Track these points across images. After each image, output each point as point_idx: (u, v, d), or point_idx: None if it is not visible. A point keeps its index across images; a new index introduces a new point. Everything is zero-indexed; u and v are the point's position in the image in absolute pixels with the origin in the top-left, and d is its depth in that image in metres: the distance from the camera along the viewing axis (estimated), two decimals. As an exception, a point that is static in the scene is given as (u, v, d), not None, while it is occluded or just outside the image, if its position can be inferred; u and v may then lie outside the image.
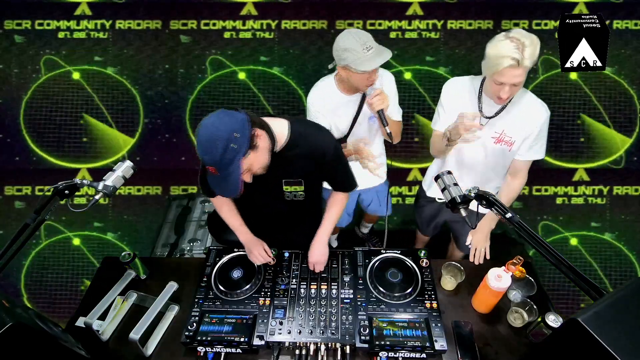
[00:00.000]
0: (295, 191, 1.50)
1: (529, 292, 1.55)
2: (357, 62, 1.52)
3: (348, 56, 1.53)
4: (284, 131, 1.37)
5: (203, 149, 1.14)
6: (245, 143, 1.16)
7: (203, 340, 1.38)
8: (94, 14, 3.13)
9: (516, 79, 1.40)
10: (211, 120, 1.14)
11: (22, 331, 1.00)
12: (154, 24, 3.14)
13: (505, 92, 1.45)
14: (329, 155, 1.41)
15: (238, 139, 1.14)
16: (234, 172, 1.16)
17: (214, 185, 1.24)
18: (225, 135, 1.12)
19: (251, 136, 1.18)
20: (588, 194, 3.07)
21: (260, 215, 1.68)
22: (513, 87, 1.44)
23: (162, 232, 2.69)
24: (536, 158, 1.67)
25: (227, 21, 3.16)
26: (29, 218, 1.26)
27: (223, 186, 1.21)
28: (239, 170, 1.17)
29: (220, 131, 1.12)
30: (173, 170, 3.18)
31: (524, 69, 1.37)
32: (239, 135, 1.14)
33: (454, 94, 1.67)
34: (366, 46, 1.52)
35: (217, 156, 1.12)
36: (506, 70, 1.38)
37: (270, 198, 1.55)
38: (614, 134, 3.08)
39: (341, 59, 1.56)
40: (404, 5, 3.06)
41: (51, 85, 3.13)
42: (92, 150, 3.14)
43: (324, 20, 3.12)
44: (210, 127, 1.13)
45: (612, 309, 0.84)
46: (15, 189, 3.09)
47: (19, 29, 3.11)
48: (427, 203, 2.08)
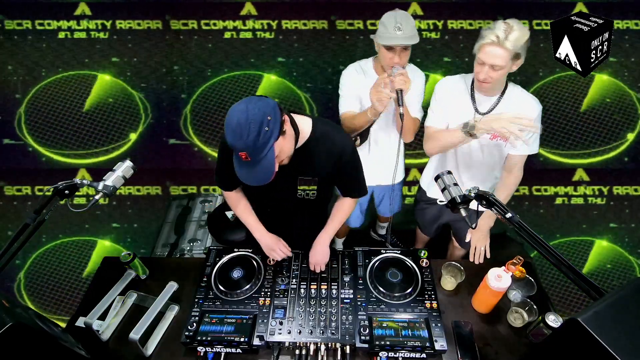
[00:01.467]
0: (308, 189, 1.50)
1: (529, 292, 1.55)
2: (382, 36, 1.64)
3: (380, 28, 1.67)
4: (307, 127, 1.39)
5: (235, 134, 1.11)
6: (277, 127, 1.15)
7: (203, 340, 1.38)
8: (94, 14, 3.13)
9: (496, 59, 1.42)
10: (242, 106, 1.13)
11: (22, 331, 1.00)
12: (154, 24, 3.15)
13: (483, 73, 1.47)
14: (346, 155, 1.43)
15: (270, 122, 1.13)
16: (267, 156, 1.15)
17: (243, 174, 1.20)
18: (259, 118, 1.10)
19: (282, 121, 1.18)
20: (588, 194, 3.07)
21: (267, 214, 1.68)
22: (492, 70, 1.45)
23: (162, 232, 2.68)
24: (531, 152, 1.66)
25: (227, 21, 3.16)
26: (29, 218, 1.26)
27: (255, 172, 1.17)
28: (273, 154, 1.16)
29: (253, 115, 1.10)
30: (173, 170, 3.18)
31: (504, 50, 1.39)
32: (272, 118, 1.13)
33: (448, 91, 1.69)
34: (398, 26, 1.62)
35: (250, 140, 1.10)
36: (487, 46, 1.41)
37: (281, 195, 1.54)
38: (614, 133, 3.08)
39: (377, 30, 1.69)
40: (404, 5, 3.06)
41: (51, 85, 3.13)
42: (92, 150, 3.14)
43: (324, 20, 3.12)
44: (243, 112, 1.11)
45: (612, 309, 0.84)
46: (15, 189, 3.09)
47: (19, 29, 3.11)
48: (429, 205, 2.08)
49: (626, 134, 3.08)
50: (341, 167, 1.46)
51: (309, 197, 1.53)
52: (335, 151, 1.41)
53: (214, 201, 2.90)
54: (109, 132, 3.15)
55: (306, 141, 1.38)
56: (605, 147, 3.09)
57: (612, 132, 3.09)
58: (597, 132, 3.09)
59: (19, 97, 3.12)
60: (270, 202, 1.62)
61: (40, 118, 3.12)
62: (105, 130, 3.15)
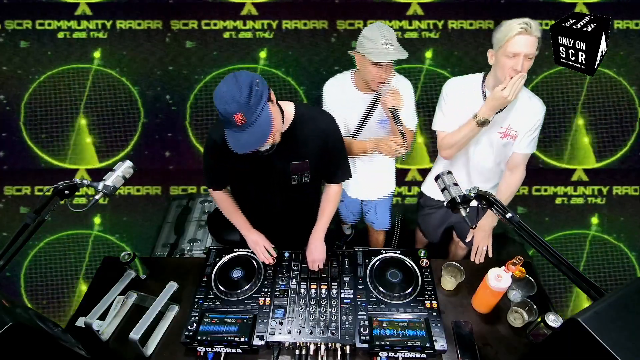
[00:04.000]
0: (302, 174, 1.50)
1: (529, 292, 1.55)
2: (372, 52, 1.57)
3: (367, 44, 1.58)
4: (291, 110, 1.41)
5: (227, 98, 1.12)
6: (266, 90, 1.18)
7: (203, 340, 1.38)
8: (94, 14, 3.13)
9: (528, 48, 1.42)
10: (228, 76, 1.17)
11: (22, 331, 1.00)
12: (154, 24, 3.14)
13: (519, 64, 1.44)
14: (332, 136, 1.46)
15: (259, 84, 1.16)
16: (262, 114, 1.15)
17: (237, 140, 1.18)
18: (248, 80, 1.14)
19: (269, 89, 1.21)
20: (587, 194, 3.07)
21: (263, 207, 1.67)
22: (527, 60, 1.44)
23: (162, 232, 2.68)
24: (531, 152, 1.68)
25: (227, 21, 3.15)
26: (29, 218, 1.26)
27: (253, 134, 1.16)
28: (268, 110, 1.17)
29: (242, 79, 1.15)
30: (173, 170, 3.18)
31: (534, 38, 1.42)
32: (259, 82, 1.17)
33: (459, 94, 1.67)
34: (386, 41, 1.56)
35: (244, 99, 1.12)
36: (518, 37, 1.41)
37: (276, 184, 1.53)
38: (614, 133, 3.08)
39: (360, 45, 1.61)
40: (404, 5, 3.06)
41: (51, 85, 3.13)
42: (92, 150, 3.14)
43: (324, 20, 3.12)
44: (231, 79, 1.15)
45: (612, 309, 0.84)
46: (15, 189, 3.08)
47: (19, 29, 3.11)
48: (435, 210, 2.07)
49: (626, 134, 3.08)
50: (329, 149, 1.48)
51: (303, 182, 1.52)
52: (321, 132, 1.43)
53: (214, 201, 2.90)
54: (109, 132, 3.15)
55: (291, 124, 1.41)
56: (605, 147, 3.09)
57: (612, 132, 3.08)
58: (597, 132, 3.09)
59: (19, 97, 3.11)
60: (266, 193, 1.59)
61: (40, 118, 3.12)
62: (105, 130, 3.15)
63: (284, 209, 1.66)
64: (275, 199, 1.61)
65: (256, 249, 1.65)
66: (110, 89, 3.15)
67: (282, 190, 1.56)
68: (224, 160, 1.45)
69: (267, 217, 1.70)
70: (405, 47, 1.60)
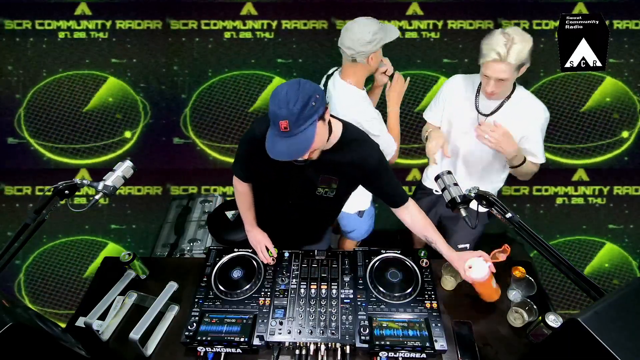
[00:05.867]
0: (328, 188, 1.47)
1: (529, 292, 1.55)
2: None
3: (382, 34, 1.56)
4: (338, 131, 1.37)
5: (281, 102, 1.11)
6: (322, 108, 1.16)
7: (203, 340, 1.38)
8: (94, 14, 3.13)
9: (500, 74, 1.42)
10: (294, 81, 1.15)
11: (22, 331, 1.00)
12: (154, 24, 3.15)
13: (490, 86, 1.48)
14: (371, 165, 1.39)
15: (318, 99, 1.14)
16: (307, 130, 1.14)
17: (274, 145, 1.18)
18: (309, 92, 1.13)
19: (326, 107, 1.19)
20: (588, 194, 3.07)
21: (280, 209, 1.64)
22: (498, 81, 1.46)
23: (162, 232, 2.68)
24: (538, 162, 1.66)
25: (227, 21, 3.16)
26: (29, 218, 1.26)
27: (290, 145, 1.15)
28: (314, 132, 1.15)
29: (305, 88, 1.13)
30: (173, 170, 3.18)
31: (507, 64, 1.40)
32: (320, 97, 1.15)
33: (453, 90, 1.70)
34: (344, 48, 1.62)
35: (297, 109, 1.10)
36: (490, 63, 1.42)
37: (301, 191, 1.51)
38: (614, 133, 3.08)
39: (377, 43, 1.57)
40: (404, 5, 3.06)
41: (51, 85, 3.13)
42: (92, 150, 3.14)
43: (324, 20, 3.12)
44: (295, 84, 1.14)
45: (612, 309, 0.84)
46: (16, 189, 3.09)
47: (19, 29, 3.11)
48: (424, 196, 2.07)
49: (626, 134, 3.08)
50: (370, 176, 1.43)
51: (327, 195, 1.50)
52: (360, 159, 1.38)
53: (214, 201, 2.90)
54: (109, 132, 3.15)
55: (336, 144, 1.36)
56: (605, 148, 3.09)
57: (612, 132, 3.09)
58: (597, 132, 3.09)
59: (19, 97, 3.12)
60: (288, 197, 1.57)
61: (40, 118, 3.12)
62: (105, 130, 3.15)
63: (300, 216, 1.64)
64: (295, 204, 1.58)
65: (257, 248, 1.65)
66: (110, 89, 3.15)
67: (304, 198, 1.53)
68: (256, 155, 1.41)
69: (278, 218, 1.69)
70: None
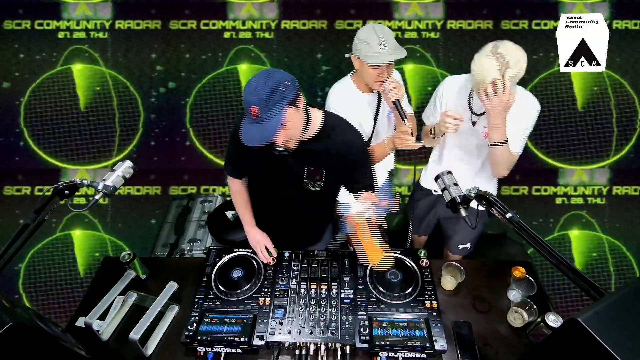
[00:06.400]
0: (314, 181, 1.50)
1: (529, 292, 1.55)
2: (369, 55, 1.55)
3: (362, 47, 1.57)
4: (318, 119, 1.40)
5: (251, 89, 1.18)
6: (292, 93, 1.21)
7: (203, 340, 1.38)
8: (94, 14, 3.13)
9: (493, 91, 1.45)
10: (264, 70, 1.21)
11: (22, 331, 1.00)
12: (153, 24, 3.14)
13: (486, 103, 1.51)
14: (354, 153, 1.43)
15: (288, 86, 1.19)
16: (275, 116, 1.19)
17: (248, 132, 1.23)
18: (278, 79, 1.18)
19: (297, 93, 1.23)
20: (588, 194, 3.07)
21: (271, 204, 1.66)
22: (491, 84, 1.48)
23: (162, 232, 2.68)
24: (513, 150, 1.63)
25: (227, 21, 3.16)
26: (29, 218, 1.26)
27: (259, 131, 1.20)
28: (281, 116, 1.19)
29: (274, 75, 1.19)
30: (173, 170, 3.17)
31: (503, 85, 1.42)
32: (290, 84, 1.20)
33: (447, 90, 1.72)
34: (382, 42, 1.54)
35: (264, 95, 1.16)
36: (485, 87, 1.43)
37: (288, 185, 1.53)
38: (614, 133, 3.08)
39: (356, 49, 1.61)
40: (404, 5, 3.06)
41: (51, 86, 3.12)
42: (91, 150, 3.14)
43: (324, 20, 3.12)
44: (265, 73, 1.20)
45: (612, 309, 0.84)
46: (15, 189, 3.08)
47: (19, 29, 3.10)
48: (423, 196, 2.09)
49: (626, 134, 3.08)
50: (348, 163, 1.45)
51: (314, 189, 1.52)
52: (343, 146, 1.41)
53: (214, 201, 2.90)
54: (109, 132, 3.15)
55: (316, 133, 1.39)
56: (605, 148, 3.09)
57: (612, 132, 3.08)
58: (596, 132, 3.09)
59: (19, 98, 3.11)
60: (278, 191, 1.59)
61: (39, 118, 3.12)
62: (105, 130, 3.14)
63: (294, 213, 1.66)
64: (285, 198, 1.60)
65: (257, 248, 1.65)
66: (110, 89, 3.15)
67: (293, 192, 1.55)
68: (242, 149, 1.42)
69: (273, 215, 1.70)
70: (404, 47, 1.59)
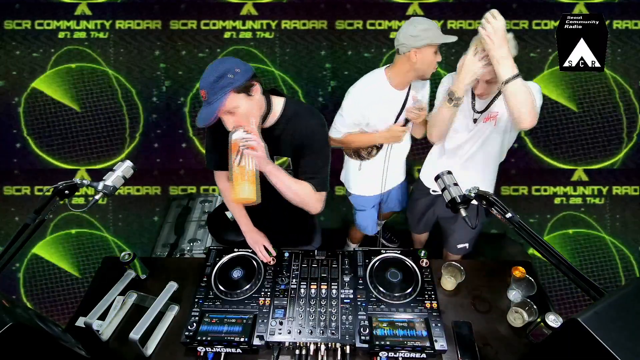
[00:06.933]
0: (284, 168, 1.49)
1: (529, 292, 1.55)
2: (437, 36, 1.63)
3: (428, 34, 1.62)
4: (279, 107, 1.42)
5: (204, 75, 1.24)
6: (241, 80, 1.24)
7: (203, 340, 1.38)
8: (94, 14, 3.13)
9: (487, 75, 1.51)
10: (220, 58, 1.27)
11: (22, 331, 1.00)
12: (153, 24, 3.14)
13: (478, 89, 1.59)
14: (309, 138, 1.40)
15: (237, 74, 1.24)
16: (218, 100, 1.23)
17: (200, 113, 1.29)
18: (227, 65, 1.24)
19: (250, 83, 1.27)
20: (587, 194, 3.07)
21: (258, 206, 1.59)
22: (486, 84, 1.55)
23: (162, 232, 2.68)
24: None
25: (227, 21, 3.15)
26: (29, 218, 1.26)
27: (206, 112, 1.26)
28: (223, 100, 1.23)
29: (225, 62, 1.25)
30: (173, 170, 3.17)
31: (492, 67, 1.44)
32: (240, 72, 1.24)
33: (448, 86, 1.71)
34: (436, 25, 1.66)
35: (211, 79, 1.22)
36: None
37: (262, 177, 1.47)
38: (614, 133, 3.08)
39: (419, 39, 1.62)
40: (404, 5, 3.06)
41: (50, 85, 3.12)
42: (91, 150, 3.14)
43: (324, 20, 3.12)
44: (218, 60, 1.27)
45: (612, 309, 0.84)
46: (15, 189, 3.08)
47: (18, 29, 3.10)
48: (422, 196, 2.10)
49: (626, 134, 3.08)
50: (306, 149, 1.42)
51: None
52: (303, 130, 1.40)
53: (214, 201, 2.90)
54: (109, 132, 3.15)
55: (277, 120, 1.41)
56: (605, 147, 3.09)
57: (612, 132, 3.08)
58: (596, 132, 3.09)
59: (19, 98, 3.11)
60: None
61: (39, 118, 3.12)
62: (105, 130, 3.14)
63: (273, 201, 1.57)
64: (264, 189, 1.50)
65: (255, 248, 1.65)
66: (109, 89, 3.15)
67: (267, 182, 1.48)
68: (217, 140, 1.48)
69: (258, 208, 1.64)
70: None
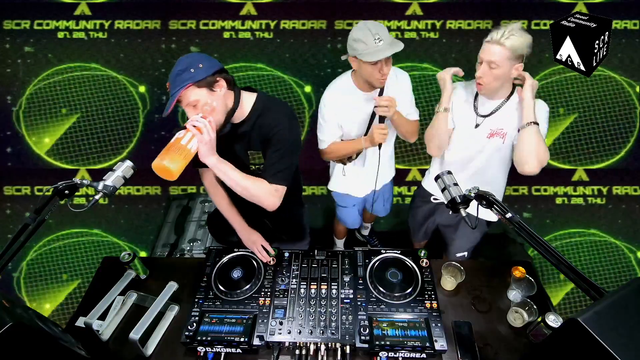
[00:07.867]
0: (258, 163, 1.51)
1: (529, 292, 1.55)
2: (365, 52, 1.52)
3: (358, 46, 1.54)
4: (250, 101, 1.43)
5: (173, 68, 1.28)
6: (202, 75, 1.26)
7: (203, 340, 1.38)
8: (94, 14, 3.13)
9: (492, 56, 1.45)
10: (190, 53, 1.31)
11: (22, 331, 1.00)
12: (153, 24, 3.14)
13: (479, 70, 1.51)
14: (276, 132, 1.38)
15: (200, 69, 1.26)
16: (178, 92, 1.26)
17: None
18: (192, 61, 1.26)
19: (213, 78, 1.28)
20: (588, 194, 3.07)
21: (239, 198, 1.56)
22: (489, 68, 1.48)
23: (162, 232, 2.68)
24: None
25: (226, 21, 3.16)
26: (29, 218, 1.26)
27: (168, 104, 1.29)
28: (180, 92, 1.26)
29: (190, 57, 1.28)
30: (173, 170, 3.17)
31: (502, 47, 1.43)
32: (203, 67, 1.26)
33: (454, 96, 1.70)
34: (377, 38, 1.51)
35: (175, 73, 1.26)
36: (486, 44, 1.48)
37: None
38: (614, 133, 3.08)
39: (352, 49, 1.58)
40: (404, 5, 3.06)
41: (50, 85, 3.13)
42: (91, 151, 3.14)
43: (324, 20, 3.12)
44: (187, 55, 1.30)
45: (612, 309, 0.84)
46: (15, 189, 3.08)
47: (18, 29, 3.11)
48: (423, 203, 2.08)
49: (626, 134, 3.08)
50: (270, 142, 1.40)
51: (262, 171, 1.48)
52: (271, 123, 1.40)
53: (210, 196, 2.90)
54: (109, 132, 3.15)
55: (247, 115, 1.42)
56: (605, 148, 3.09)
57: (612, 132, 3.09)
58: (596, 132, 3.09)
59: (18, 98, 3.11)
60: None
61: (39, 118, 3.12)
62: (105, 130, 3.14)
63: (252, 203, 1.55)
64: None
65: (253, 248, 1.65)
66: (109, 89, 3.15)
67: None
68: None
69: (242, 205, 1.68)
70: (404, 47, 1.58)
